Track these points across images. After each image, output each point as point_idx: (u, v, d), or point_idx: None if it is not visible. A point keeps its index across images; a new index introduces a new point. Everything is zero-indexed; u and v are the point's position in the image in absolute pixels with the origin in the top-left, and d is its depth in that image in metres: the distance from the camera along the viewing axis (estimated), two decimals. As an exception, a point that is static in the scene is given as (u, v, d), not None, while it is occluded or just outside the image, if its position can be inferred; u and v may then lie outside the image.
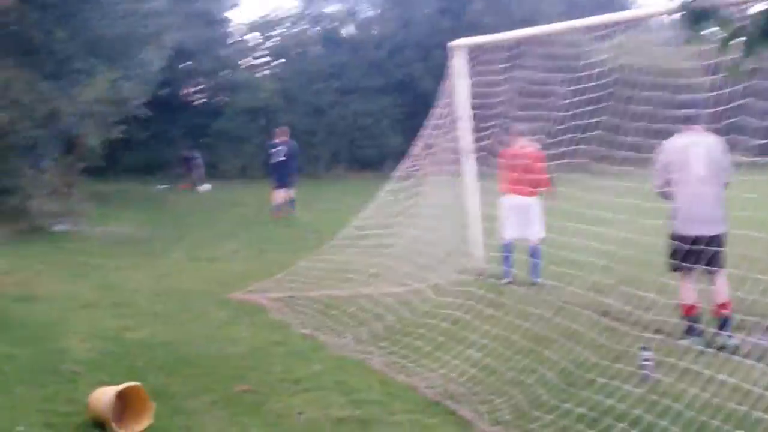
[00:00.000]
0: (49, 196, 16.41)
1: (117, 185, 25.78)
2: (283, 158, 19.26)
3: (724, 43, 3.93)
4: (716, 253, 7.33)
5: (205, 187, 27.57)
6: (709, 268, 7.34)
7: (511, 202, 10.34)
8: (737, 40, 3.89)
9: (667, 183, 7.63)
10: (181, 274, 11.58)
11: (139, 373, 6.39)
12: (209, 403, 5.98)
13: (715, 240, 7.38)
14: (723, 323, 7.32)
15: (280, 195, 19.32)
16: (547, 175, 10.15)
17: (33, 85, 14.78)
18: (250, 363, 7.02)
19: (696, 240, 7.30)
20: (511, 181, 10.28)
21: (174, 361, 7.03)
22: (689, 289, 7.54)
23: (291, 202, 19.35)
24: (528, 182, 10.11)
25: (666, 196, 7.68)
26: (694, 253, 7.24)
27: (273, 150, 19.62)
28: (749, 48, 3.85)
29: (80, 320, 8.51)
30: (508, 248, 10.34)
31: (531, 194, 10.24)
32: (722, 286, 7.46)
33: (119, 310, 9.06)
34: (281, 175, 19.29)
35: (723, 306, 7.39)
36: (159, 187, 27.25)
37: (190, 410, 5.83)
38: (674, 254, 7.47)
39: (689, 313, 7.49)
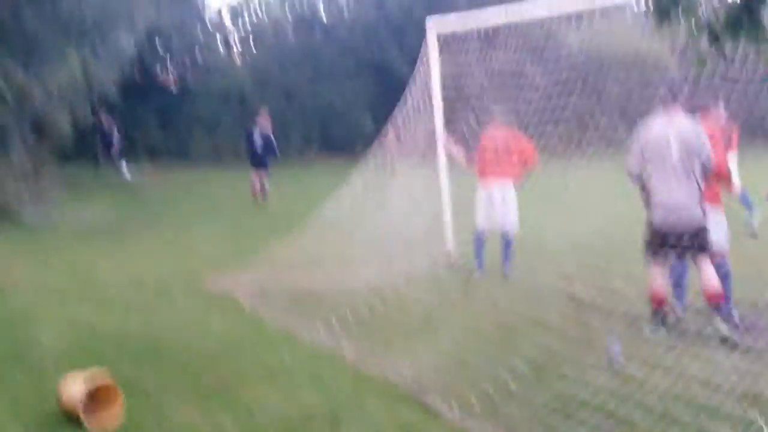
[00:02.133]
0: (18, 182, 16.23)
1: (87, 170, 25.52)
2: (259, 142, 19.31)
3: (690, 35, 3.98)
4: (699, 242, 7.14)
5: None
6: (693, 256, 7.16)
7: (487, 189, 9.94)
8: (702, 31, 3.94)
9: (644, 170, 7.28)
10: (152, 261, 11.50)
11: (109, 364, 6.35)
12: (180, 395, 5.95)
13: (695, 231, 7.13)
14: (716, 311, 7.07)
15: (255, 177, 19.35)
16: (532, 149, 9.70)
17: (2, 69, 14.53)
18: (221, 354, 7.00)
19: (673, 230, 7.15)
20: (488, 166, 9.92)
21: (145, 352, 7.00)
22: (658, 277, 7.36)
23: (263, 186, 19.34)
24: (507, 165, 9.76)
25: (640, 183, 7.37)
26: (670, 243, 7.15)
27: (251, 134, 19.71)
28: (713, 40, 3.90)
29: (50, 310, 8.46)
30: (480, 238, 10.06)
31: (510, 178, 9.84)
32: (709, 273, 7.13)
33: (90, 299, 9.00)
34: (256, 159, 19.37)
35: (715, 296, 7.07)
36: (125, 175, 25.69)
37: (160, 403, 5.80)
38: (650, 244, 7.32)
39: (656, 300, 7.37)
